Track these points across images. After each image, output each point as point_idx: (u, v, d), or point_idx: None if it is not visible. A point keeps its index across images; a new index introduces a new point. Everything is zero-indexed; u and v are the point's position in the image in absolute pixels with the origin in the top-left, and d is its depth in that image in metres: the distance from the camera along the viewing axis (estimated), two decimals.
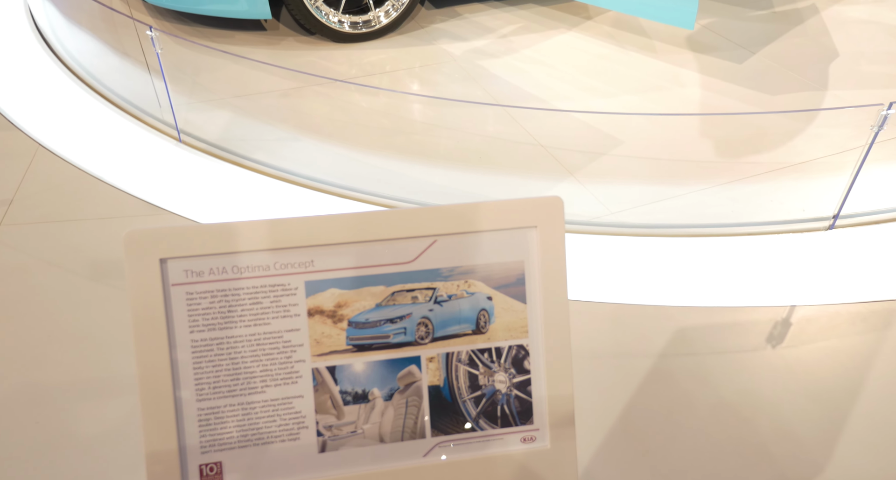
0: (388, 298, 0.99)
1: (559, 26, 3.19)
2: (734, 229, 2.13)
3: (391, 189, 2.21)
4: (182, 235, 0.92)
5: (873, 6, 3.36)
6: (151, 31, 2.21)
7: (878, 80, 2.87)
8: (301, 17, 2.77)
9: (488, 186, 2.24)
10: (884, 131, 2.48)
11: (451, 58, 2.87)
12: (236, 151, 2.39)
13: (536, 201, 1.04)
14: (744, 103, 2.70)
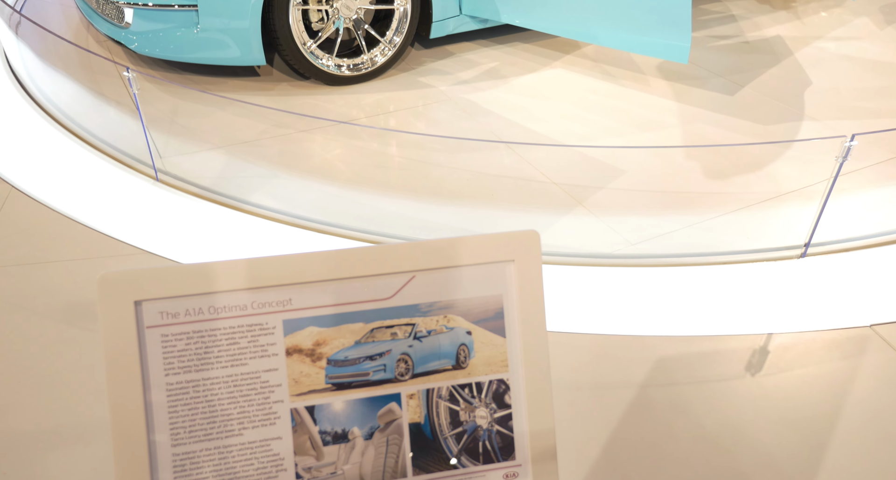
0: (368, 335, 0.99)
1: (548, 61, 3.26)
2: (708, 258, 2.16)
3: (395, 229, 2.22)
4: (157, 276, 0.91)
5: (844, 41, 3.49)
6: (128, 72, 2.22)
7: (862, 112, 2.96)
8: (295, 62, 2.79)
9: (499, 222, 2.25)
10: (859, 160, 2.56)
11: (445, 96, 2.91)
12: (214, 189, 2.39)
13: (513, 235, 1.05)
14: (741, 135, 2.76)
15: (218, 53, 2.71)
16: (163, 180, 2.43)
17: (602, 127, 2.79)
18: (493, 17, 3.04)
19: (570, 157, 2.58)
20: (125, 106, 2.81)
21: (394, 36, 2.90)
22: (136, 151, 2.55)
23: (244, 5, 2.58)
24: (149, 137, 2.45)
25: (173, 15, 2.65)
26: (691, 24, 2.72)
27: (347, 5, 2.75)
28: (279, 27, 2.67)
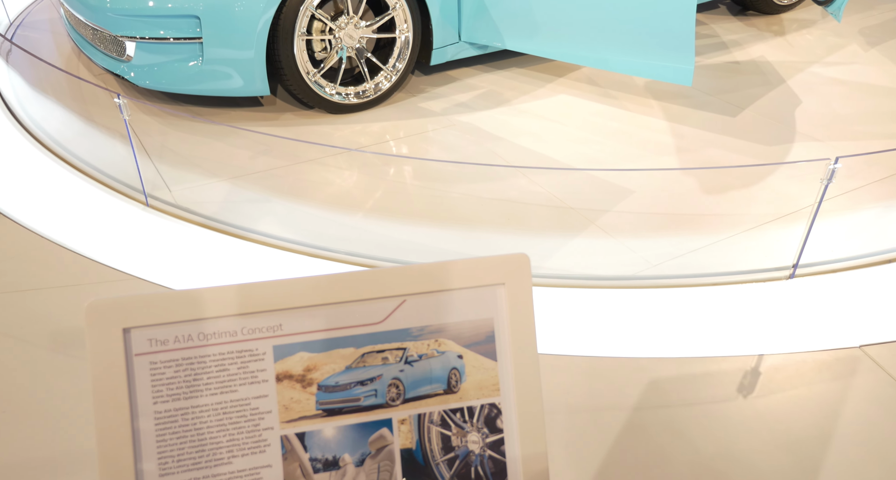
0: (359, 360, 0.98)
1: (548, 85, 3.30)
2: (697, 279, 2.17)
3: (409, 256, 2.22)
4: (146, 303, 0.91)
5: (834, 64, 3.55)
6: (119, 99, 2.23)
7: (860, 133, 3.00)
8: (299, 92, 2.80)
9: (518, 245, 2.26)
10: (850, 182, 2.60)
11: (449, 122, 2.93)
12: (205, 214, 2.39)
13: (503, 258, 1.05)
14: (746, 156, 2.78)
15: (222, 84, 2.71)
16: (153, 205, 2.42)
17: (609, 150, 2.81)
18: (494, 43, 3.07)
19: (581, 180, 2.60)
20: (115, 132, 2.81)
21: (396, 63, 2.92)
22: (126, 176, 2.55)
23: (249, 36, 2.59)
24: (139, 162, 2.45)
25: (177, 47, 2.64)
26: (694, 46, 2.75)
27: (350, 35, 2.78)
28: (284, 57, 2.68)
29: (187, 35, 2.60)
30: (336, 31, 2.76)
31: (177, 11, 2.56)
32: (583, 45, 2.87)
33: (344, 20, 2.75)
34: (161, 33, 2.61)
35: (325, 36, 2.77)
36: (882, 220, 2.46)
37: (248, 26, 2.57)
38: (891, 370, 1.85)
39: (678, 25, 2.65)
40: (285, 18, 2.61)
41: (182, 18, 2.57)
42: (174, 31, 2.60)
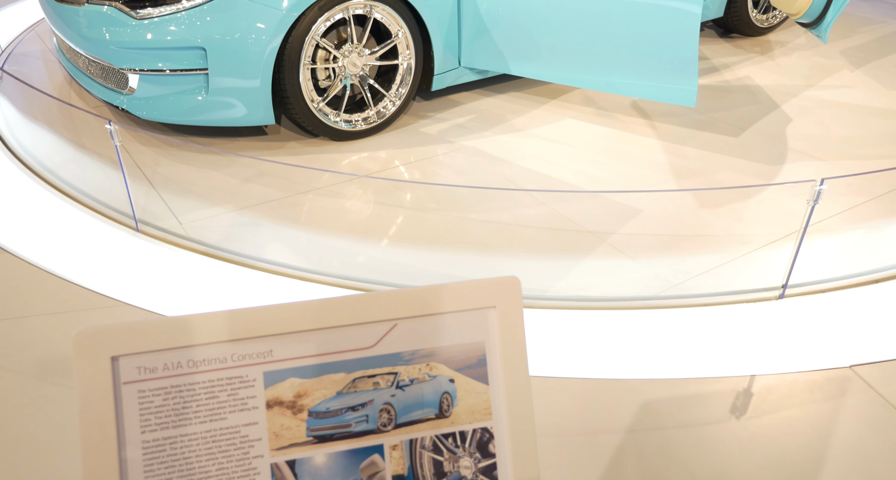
0: (350, 385, 0.98)
1: (549, 107, 3.33)
2: (686, 300, 2.18)
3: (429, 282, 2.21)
4: (135, 331, 0.90)
5: (826, 88, 3.60)
6: (111, 125, 2.23)
7: (855, 152, 3.06)
8: (304, 120, 2.80)
9: (536, 269, 2.26)
10: (850, 199, 2.63)
11: (454, 147, 2.94)
12: (196, 239, 2.38)
13: (494, 281, 1.06)
14: (753, 177, 2.82)
15: (227, 114, 2.70)
16: (143, 230, 2.42)
17: (616, 171, 2.83)
18: (494, 68, 3.10)
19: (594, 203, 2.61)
20: (106, 158, 2.81)
21: (398, 89, 2.94)
22: (117, 202, 2.55)
23: (256, 66, 2.58)
24: (129, 188, 2.44)
25: (182, 79, 2.62)
26: (697, 68, 2.77)
27: (354, 62, 2.79)
28: (289, 86, 2.68)
29: (193, 66, 2.59)
30: (340, 59, 2.77)
31: (183, 43, 2.55)
32: (584, 69, 2.90)
33: (348, 48, 2.77)
34: (166, 65, 2.59)
35: (330, 64, 2.77)
36: (870, 240, 2.49)
37: (254, 56, 2.57)
38: (881, 390, 1.86)
39: (681, 48, 2.68)
40: (291, 48, 2.62)
41: (188, 50, 2.56)
42: (179, 62, 2.58)
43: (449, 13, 2.91)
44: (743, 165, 2.90)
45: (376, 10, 2.74)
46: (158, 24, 2.55)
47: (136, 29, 2.56)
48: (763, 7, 4.14)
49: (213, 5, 2.54)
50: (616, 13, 2.76)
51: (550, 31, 2.89)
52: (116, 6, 2.58)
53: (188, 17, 2.54)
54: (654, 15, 2.68)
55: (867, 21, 4.44)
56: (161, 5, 2.55)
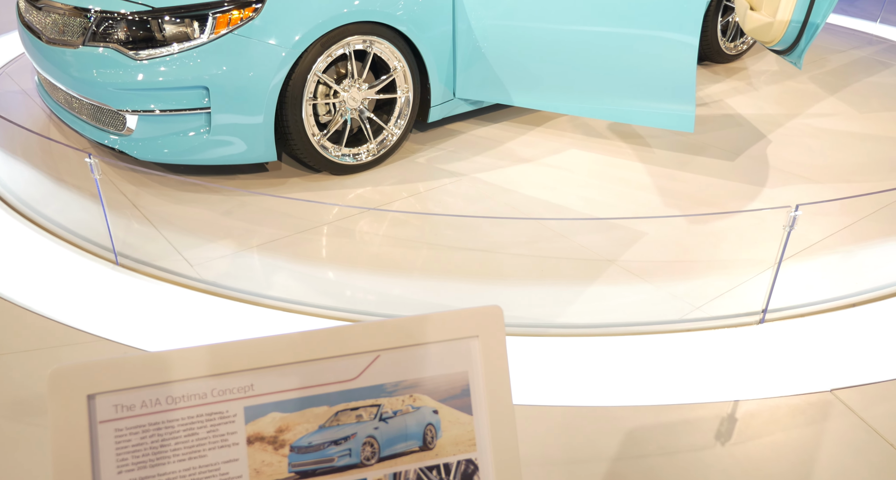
0: (332, 418, 0.97)
1: (546, 133, 3.38)
2: (667, 326, 2.19)
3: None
4: (112, 368, 0.89)
5: (809, 116, 3.69)
6: (90, 159, 2.22)
7: (852, 177, 3.14)
8: (306, 155, 2.79)
9: (558, 298, 2.26)
10: (831, 224, 2.68)
11: (455, 176, 2.96)
12: (177, 271, 2.36)
13: (476, 310, 1.06)
14: (753, 201, 2.87)
15: (229, 152, 2.66)
16: (123, 263, 2.39)
17: (621, 197, 2.87)
18: (490, 98, 3.13)
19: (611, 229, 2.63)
20: (86, 191, 2.79)
21: (398, 122, 2.96)
22: (96, 235, 2.52)
23: (259, 104, 2.57)
24: (109, 219, 2.42)
25: (184, 118, 2.58)
26: (695, 93, 2.83)
27: (353, 97, 2.80)
28: (292, 122, 2.67)
29: (195, 106, 2.55)
30: (341, 93, 2.78)
31: (185, 83, 2.51)
32: (581, 98, 2.96)
33: (347, 83, 2.78)
34: (167, 105, 2.55)
35: (330, 99, 2.78)
36: (848, 263, 2.53)
37: (258, 94, 2.55)
38: (862, 414, 1.87)
39: (679, 77, 2.75)
40: (294, 84, 2.61)
41: (190, 89, 2.52)
42: (181, 102, 2.54)
43: (444, 46, 2.96)
44: (743, 190, 2.96)
45: (376, 46, 2.77)
46: (160, 64, 2.50)
47: (137, 70, 2.51)
48: (731, 36, 4.27)
49: (217, 44, 2.51)
50: (613, 45, 2.82)
51: (547, 61, 2.94)
52: (115, 48, 2.53)
53: (191, 56, 2.50)
54: (653, 46, 2.76)
55: (832, 50, 4.58)
56: (163, 46, 2.51)
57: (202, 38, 2.50)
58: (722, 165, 3.14)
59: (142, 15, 2.50)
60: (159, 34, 2.51)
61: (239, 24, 2.51)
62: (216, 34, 2.51)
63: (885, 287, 2.41)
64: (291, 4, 2.56)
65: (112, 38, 2.54)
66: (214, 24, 2.51)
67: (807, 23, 3.49)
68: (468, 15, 2.91)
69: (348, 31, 2.66)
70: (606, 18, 2.79)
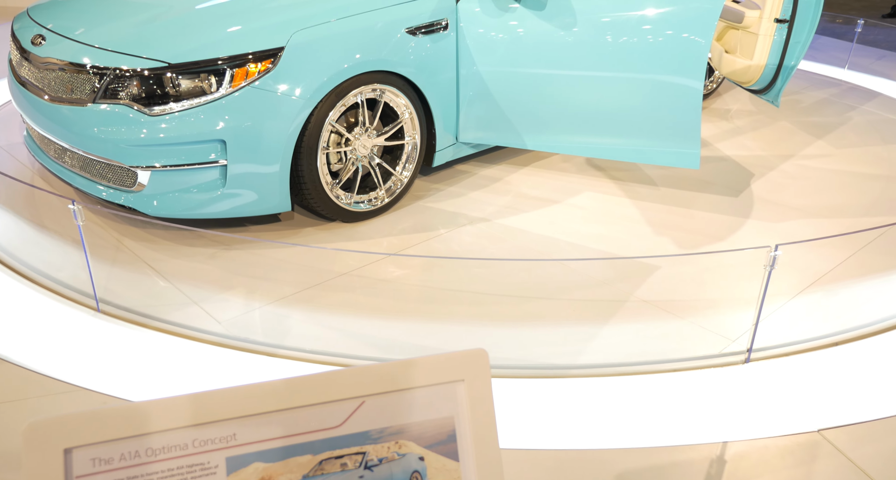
0: (316, 467, 0.95)
1: (549, 172, 3.44)
2: (652, 366, 2.19)
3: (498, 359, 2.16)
4: (89, 420, 0.87)
5: (801, 152, 3.78)
6: (74, 205, 2.22)
7: (844, 211, 3.22)
8: (320, 204, 2.78)
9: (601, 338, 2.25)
10: (833, 259, 2.71)
11: (467, 219, 2.99)
12: (160, 317, 2.33)
13: (461, 354, 1.05)
14: (763, 237, 2.92)
15: (244, 204, 2.62)
16: (104, 310, 2.36)
17: (635, 234, 2.92)
18: (492, 142, 3.18)
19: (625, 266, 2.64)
20: (67, 237, 2.77)
21: (406, 166, 2.99)
22: (78, 282, 2.49)
23: (275, 155, 2.55)
24: (91, 268, 2.40)
25: (199, 172, 2.53)
26: (700, 130, 2.89)
27: (364, 144, 2.83)
28: (307, 172, 2.67)
29: (210, 159, 2.51)
30: (352, 141, 2.80)
31: (201, 137, 2.47)
32: (587, 139, 3.02)
33: (358, 131, 2.81)
34: (181, 160, 2.50)
35: (342, 148, 2.79)
36: (832, 301, 2.56)
37: (275, 146, 2.53)
38: (850, 454, 1.86)
39: (685, 117, 2.82)
40: (310, 134, 2.62)
41: (206, 143, 2.49)
42: (196, 156, 2.50)
43: (449, 92, 3.02)
44: (750, 225, 3.03)
45: (387, 94, 2.82)
46: (175, 119, 2.46)
47: (151, 126, 2.46)
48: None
49: (235, 98, 2.48)
50: (618, 90, 2.90)
51: (551, 105, 2.99)
52: (128, 104, 2.48)
53: (208, 110, 2.47)
54: (658, 91, 2.83)
55: (805, 93, 4.72)
56: (178, 101, 2.47)
57: (220, 92, 2.47)
58: (726, 201, 3.22)
59: (158, 71, 2.45)
60: (174, 89, 2.47)
61: (256, 77, 2.50)
62: (234, 87, 2.48)
63: (871, 324, 2.43)
64: (308, 56, 2.57)
65: (125, 94, 2.49)
66: (232, 77, 2.49)
67: (782, 65, 3.63)
68: (471, 61, 2.98)
69: (361, 81, 2.70)
70: (610, 64, 2.86)
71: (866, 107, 4.48)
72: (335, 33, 2.64)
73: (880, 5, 7.61)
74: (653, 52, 2.79)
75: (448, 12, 2.91)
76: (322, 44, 2.60)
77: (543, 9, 2.87)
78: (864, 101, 4.60)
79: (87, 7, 2.92)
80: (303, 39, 2.57)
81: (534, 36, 2.89)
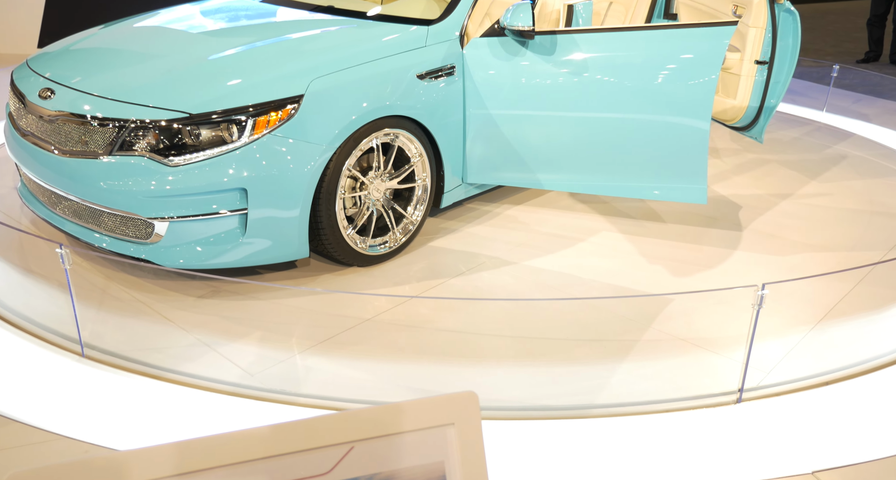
0: None
1: (557, 210, 3.49)
2: (644, 406, 2.17)
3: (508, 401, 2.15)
4: (71, 471, 0.85)
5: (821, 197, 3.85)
6: (61, 249, 2.21)
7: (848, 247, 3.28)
8: (337, 249, 2.77)
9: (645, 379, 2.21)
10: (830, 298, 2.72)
11: (481, 259, 3.00)
12: (145, 361, 2.30)
13: (451, 397, 1.04)
14: (770, 269, 2.95)
15: (262, 251, 2.59)
16: (89, 355, 2.32)
17: (652, 271, 2.94)
18: (502, 182, 3.23)
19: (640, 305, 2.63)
20: (54, 281, 2.74)
21: (417, 208, 3.02)
22: (62, 326, 2.46)
23: (295, 202, 2.54)
24: (76, 310, 2.37)
25: (218, 221, 2.51)
26: (707, 167, 2.96)
27: (377, 188, 2.85)
28: (325, 217, 2.65)
29: (230, 207, 2.50)
30: (367, 186, 2.82)
31: (222, 186, 2.45)
32: (594, 178, 3.08)
33: (373, 175, 2.83)
34: (200, 210, 2.47)
35: (357, 192, 2.80)
36: (823, 340, 2.56)
37: (295, 193, 2.54)
38: None
39: (692, 155, 2.90)
40: (330, 179, 2.63)
41: (227, 192, 2.47)
42: (216, 205, 2.48)
43: (457, 134, 3.07)
44: (756, 259, 3.08)
45: (401, 138, 2.86)
46: (195, 169, 2.44)
47: (170, 176, 2.43)
48: None
49: (257, 146, 2.48)
50: (625, 131, 2.96)
51: (560, 147, 3.05)
52: (146, 155, 2.45)
53: (230, 159, 2.46)
54: (666, 131, 2.91)
55: (787, 134, 4.83)
56: (198, 151, 2.45)
57: (241, 141, 2.47)
58: (732, 236, 3.29)
59: (178, 122, 2.44)
60: (193, 139, 2.46)
61: (277, 125, 2.51)
62: (255, 136, 2.48)
63: (866, 362, 2.43)
64: (326, 103, 2.60)
65: (142, 145, 2.46)
66: (254, 126, 2.49)
67: (763, 104, 3.75)
68: (477, 104, 3.04)
69: (377, 125, 2.74)
70: (617, 106, 2.94)
71: (843, 146, 4.60)
72: (351, 80, 2.68)
73: (854, 51, 7.88)
74: (660, 94, 2.88)
75: (455, 58, 2.99)
76: (339, 91, 2.64)
77: (553, 53, 2.95)
78: (841, 140, 4.72)
79: (89, 57, 2.92)
80: (321, 87, 2.60)
81: (542, 79, 2.97)
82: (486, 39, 3.01)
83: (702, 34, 2.84)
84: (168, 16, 3.29)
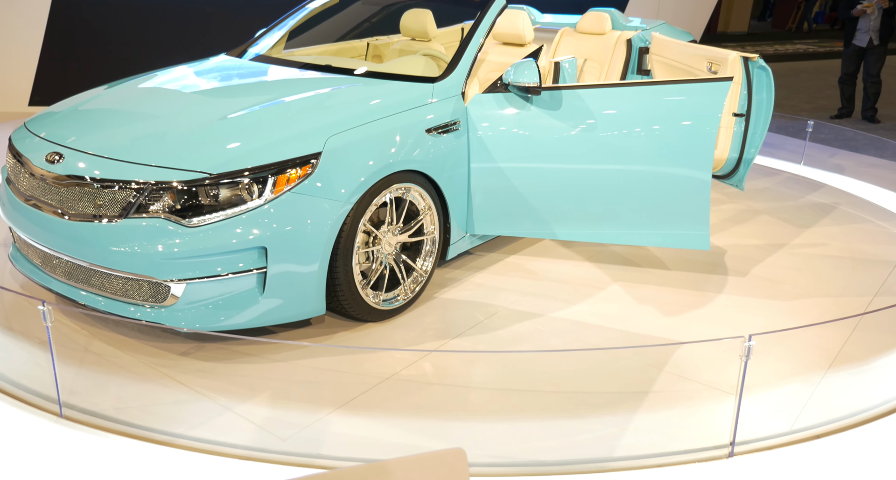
0: None
1: (561, 257, 3.56)
2: (634, 461, 2.13)
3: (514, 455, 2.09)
4: None
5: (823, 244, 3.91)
6: (44, 306, 2.18)
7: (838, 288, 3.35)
8: (352, 305, 2.75)
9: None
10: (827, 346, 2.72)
11: (491, 309, 3.02)
12: (127, 421, 2.23)
13: (439, 454, 1.03)
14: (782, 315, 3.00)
15: (278, 309, 2.54)
16: (67, 415, 2.26)
17: (657, 317, 2.99)
18: (506, 233, 3.28)
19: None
20: (34, 339, 2.69)
21: (426, 260, 3.03)
22: (40, 385, 2.40)
23: (314, 258, 2.52)
24: (56, 369, 2.32)
25: (237, 280, 2.46)
26: (709, 214, 3.04)
27: (389, 242, 2.86)
28: (342, 272, 2.64)
29: (249, 266, 2.46)
30: (381, 240, 2.83)
31: (242, 246, 2.42)
32: (598, 228, 3.15)
33: (385, 229, 2.84)
34: (220, 269, 2.43)
35: (370, 247, 2.80)
36: (819, 390, 2.55)
37: (314, 249, 2.53)
38: None
39: (695, 204, 2.99)
40: (348, 234, 2.63)
41: (246, 251, 2.44)
42: (235, 264, 2.44)
43: (461, 187, 3.13)
44: (763, 305, 3.15)
45: (412, 192, 2.90)
46: (214, 229, 2.41)
47: (188, 237, 2.39)
48: None
49: (277, 204, 2.46)
50: (628, 182, 3.04)
51: (564, 198, 3.11)
52: (163, 217, 2.41)
53: (250, 218, 2.43)
54: (669, 181, 3.00)
55: (767, 187, 4.94)
56: (217, 210, 2.42)
57: (261, 200, 2.45)
58: (738, 282, 3.35)
59: (198, 182, 2.41)
60: (212, 199, 2.43)
61: (297, 183, 2.50)
62: (276, 194, 2.47)
63: (859, 413, 2.41)
64: (343, 159, 2.62)
65: (158, 207, 2.42)
66: (274, 184, 2.48)
67: (742, 154, 3.88)
68: (481, 158, 3.11)
69: (391, 180, 2.77)
70: (620, 159, 3.02)
71: (818, 196, 4.73)
72: (366, 136, 2.73)
73: (828, 107, 8.16)
74: (663, 146, 2.98)
75: (459, 113, 3.08)
76: (355, 147, 2.68)
77: (558, 108, 3.05)
78: (816, 189, 4.89)
79: (95, 119, 2.86)
80: (338, 144, 2.63)
81: (547, 133, 3.06)
82: (489, 95, 3.12)
83: (701, 89, 2.96)
84: (169, 76, 3.27)
